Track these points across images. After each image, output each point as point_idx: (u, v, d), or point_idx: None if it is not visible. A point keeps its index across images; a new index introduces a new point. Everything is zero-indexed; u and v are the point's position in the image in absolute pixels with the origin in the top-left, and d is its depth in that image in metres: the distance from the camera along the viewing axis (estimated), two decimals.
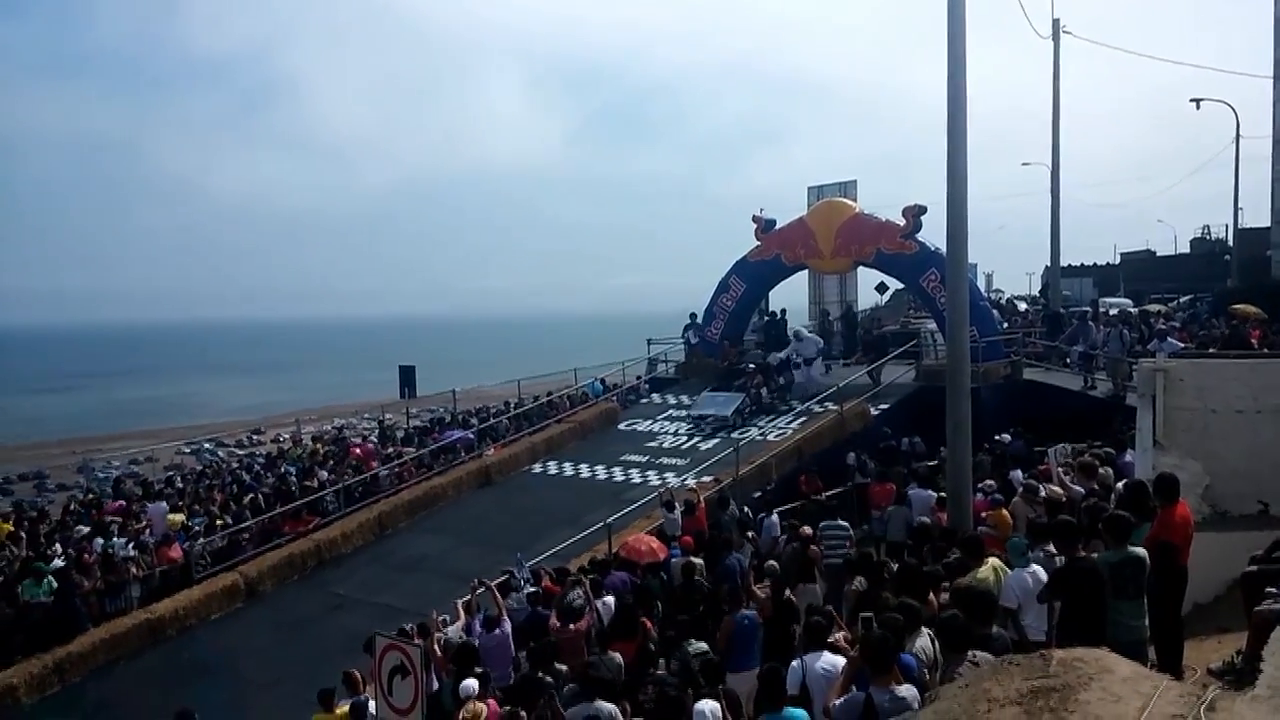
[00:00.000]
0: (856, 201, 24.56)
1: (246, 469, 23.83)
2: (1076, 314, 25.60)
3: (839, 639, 7.33)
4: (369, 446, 23.33)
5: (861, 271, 26.02)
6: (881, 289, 30.93)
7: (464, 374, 49.06)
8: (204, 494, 20.27)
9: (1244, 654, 5.74)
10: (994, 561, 8.14)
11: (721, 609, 9.49)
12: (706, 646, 8.65)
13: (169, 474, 25.73)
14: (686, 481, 16.92)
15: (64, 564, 15.03)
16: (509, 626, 10.38)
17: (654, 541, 12.83)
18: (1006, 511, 11.32)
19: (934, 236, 21.22)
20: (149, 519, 17.57)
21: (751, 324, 26.13)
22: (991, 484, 12.59)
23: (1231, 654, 6.07)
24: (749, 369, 22.25)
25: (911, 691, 5.69)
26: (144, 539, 16.31)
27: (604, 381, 26.74)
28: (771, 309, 26.78)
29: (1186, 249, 60.13)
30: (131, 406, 67.69)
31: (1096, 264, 63.41)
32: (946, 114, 11.70)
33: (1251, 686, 4.79)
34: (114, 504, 19.85)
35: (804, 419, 19.65)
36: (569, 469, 20.00)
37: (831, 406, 19.48)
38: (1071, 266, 52.17)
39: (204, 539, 16.74)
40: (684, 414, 21.83)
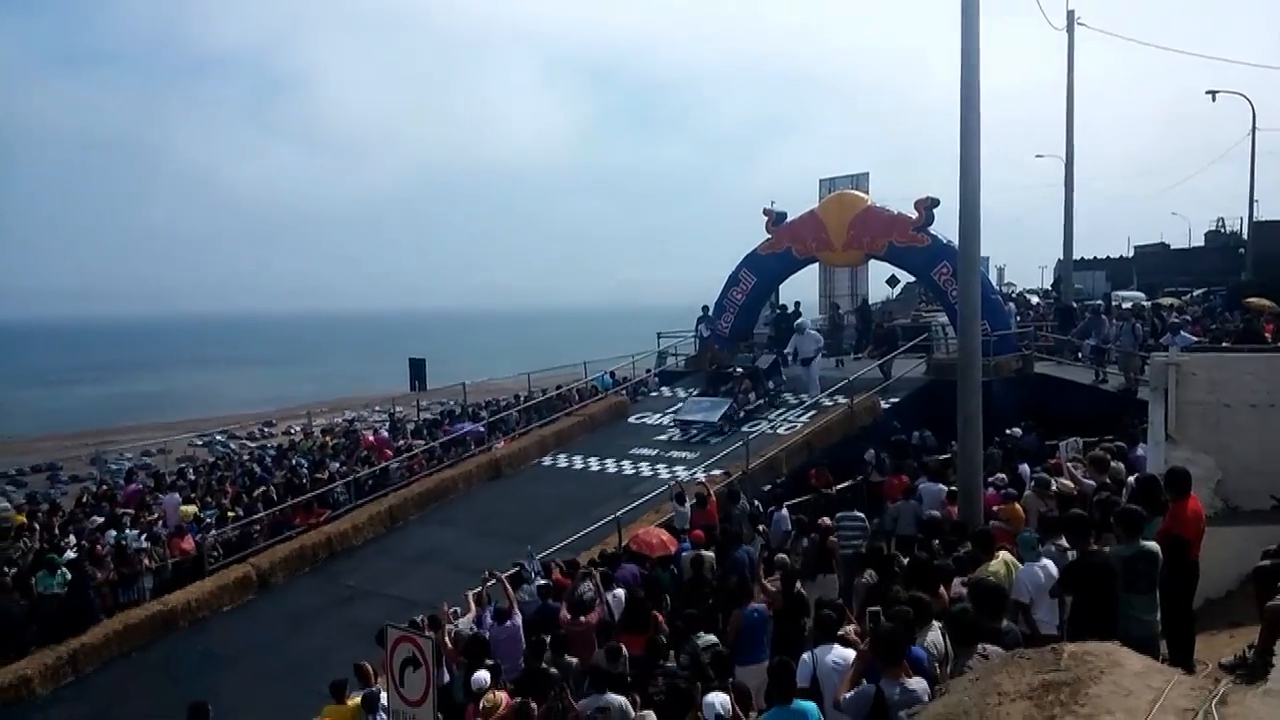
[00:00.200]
0: (868, 194, 24.49)
1: (258, 461, 23.92)
2: (1089, 307, 25.48)
3: (849, 632, 7.33)
4: (382, 435, 23.41)
5: (873, 264, 25.97)
6: (893, 282, 30.92)
7: (474, 367, 49.18)
8: (216, 486, 20.37)
9: (1256, 649, 5.72)
10: (1004, 555, 8.14)
11: (730, 602, 9.47)
12: (715, 639, 8.65)
13: (181, 466, 25.84)
14: (696, 475, 16.91)
15: (77, 556, 15.11)
16: (520, 619, 10.41)
17: (664, 534, 12.82)
18: (1018, 505, 11.30)
19: (946, 230, 21.16)
20: (163, 511, 17.70)
21: (763, 317, 26.11)
22: (1003, 478, 12.56)
23: (1243, 649, 6.05)
24: (736, 373, 21.27)
25: (922, 684, 5.70)
26: (157, 531, 16.43)
27: (614, 375, 26.74)
28: (783, 302, 26.74)
29: (1201, 242, 59.81)
30: (144, 399, 68.02)
31: (1109, 257, 63.05)
32: (960, 107, 11.64)
33: (1263, 681, 4.77)
34: (131, 488, 19.99)
35: (813, 413, 19.61)
36: (579, 462, 19.98)
37: (841, 400, 19.43)
38: (1084, 260, 51.90)
39: (216, 531, 16.84)
40: (670, 420, 21.09)
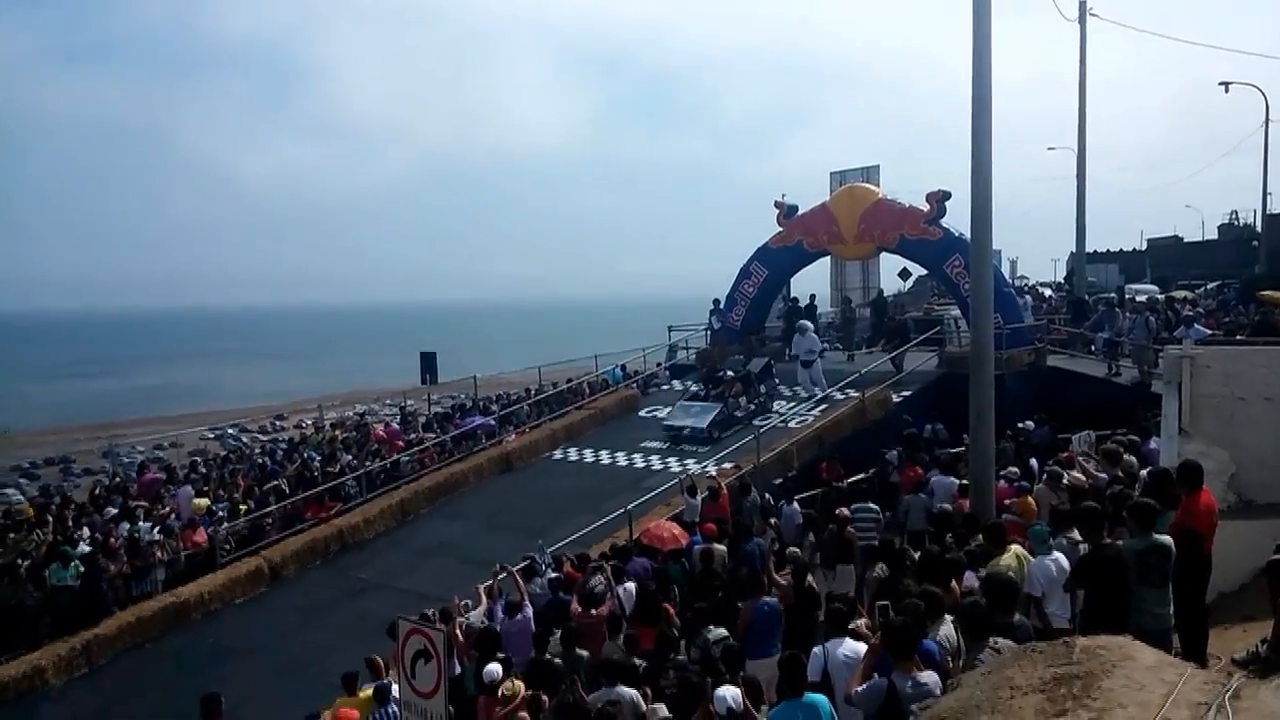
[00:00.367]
0: (880, 187, 24.38)
1: (269, 455, 23.99)
2: (1102, 300, 25.38)
3: (860, 626, 7.32)
4: (393, 429, 23.47)
5: (884, 258, 25.88)
6: (904, 275, 30.77)
7: (485, 360, 49.20)
8: (228, 479, 20.43)
9: (1269, 643, 5.67)
10: (1016, 549, 8.11)
11: (741, 595, 9.44)
12: (726, 632, 8.64)
13: (193, 459, 25.93)
14: (707, 469, 16.90)
15: (90, 548, 15.20)
16: (531, 612, 10.42)
17: (675, 528, 12.82)
18: (1031, 499, 11.27)
19: (958, 223, 21.08)
20: (176, 503, 17.77)
21: (775, 310, 26.08)
22: (1015, 471, 12.53)
23: (1256, 643, 6.00)
24: (727, 377, 20.70)
25: (933, 678, 5.68)
26: (169, 523, 16.50)
27: (624, 368, 26.73)
28: (794, 295, 26.69)
29: (1214, 235, 59.50)
30: (156, 392, 68.21)
31: (1123, 250, 62.74)
32: (971, 100, 11.61)
33: (1277, 675, 4.73)
34: (148, 476, 20.07)
35: (824, 407, 19.57)
36: (589, 455, 20.00)
37: (853, 394, 19.40)
38: (1097, 253, 51.63)
39: (228, 524, 16.91)
40: (657, 425, 20.58)
